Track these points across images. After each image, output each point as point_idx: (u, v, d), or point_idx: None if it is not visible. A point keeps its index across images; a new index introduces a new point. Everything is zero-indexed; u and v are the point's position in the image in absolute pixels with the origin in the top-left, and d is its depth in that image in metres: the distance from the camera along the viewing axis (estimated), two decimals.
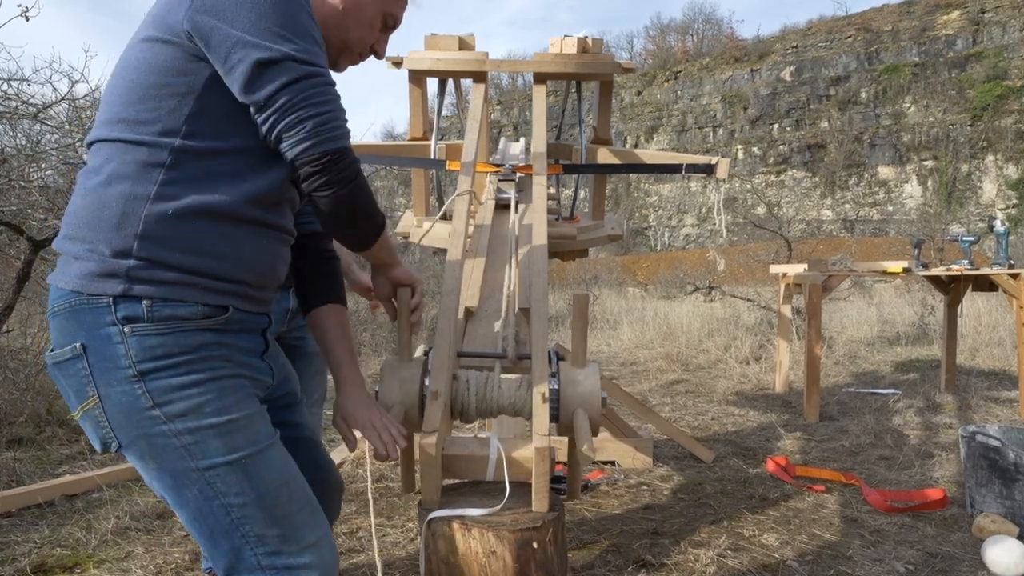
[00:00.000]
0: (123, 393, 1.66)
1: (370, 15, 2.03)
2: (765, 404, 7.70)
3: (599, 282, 25.70)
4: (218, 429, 1.69)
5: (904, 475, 5.06)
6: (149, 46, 1.71)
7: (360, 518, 4.28)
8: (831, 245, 34.04)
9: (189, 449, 1.68)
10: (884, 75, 66.52)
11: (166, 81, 1.68)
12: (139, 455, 1.71)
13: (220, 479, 1.70)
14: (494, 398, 2.30)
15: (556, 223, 4.75)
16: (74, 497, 4.63)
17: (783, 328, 8.54)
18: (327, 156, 1.71)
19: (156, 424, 1.67)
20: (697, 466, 5.33)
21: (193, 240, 1.68)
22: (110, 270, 1.65)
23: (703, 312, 15.74)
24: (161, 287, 1.67)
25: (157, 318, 1.66)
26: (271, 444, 1.79)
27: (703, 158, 4.58)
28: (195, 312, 1.70)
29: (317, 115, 1.69)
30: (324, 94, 1.70)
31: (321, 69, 1.71)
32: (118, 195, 1.66)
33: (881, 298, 20.08)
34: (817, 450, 5.79)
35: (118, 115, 1.71)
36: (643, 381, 9.42)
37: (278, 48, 1.65)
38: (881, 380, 9.09)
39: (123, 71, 1.74)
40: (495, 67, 4.50)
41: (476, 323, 2.81)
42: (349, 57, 2.08)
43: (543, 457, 2.07)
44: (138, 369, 1.65)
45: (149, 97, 1.68)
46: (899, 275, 7.46)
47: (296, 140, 1.69)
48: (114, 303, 1.65)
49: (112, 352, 1.66)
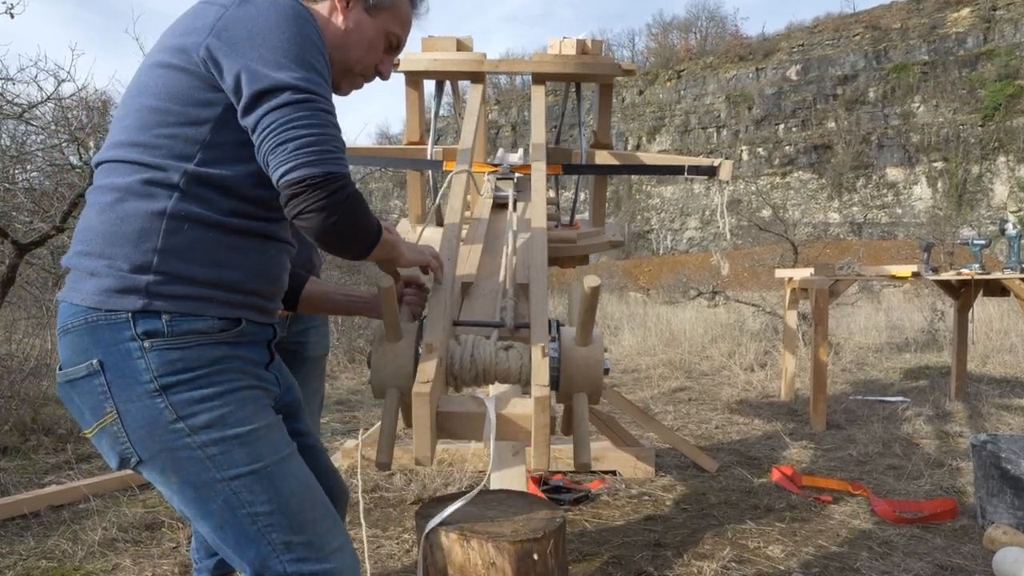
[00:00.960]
0: (145, 408, 1.72)
1: (372, 36, 2.07)
2: (770, 412, 7.71)
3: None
4: (242, 439, 1.77)
5: (913, 485, 5.07)
6: (166, 72, 1.78)
7: (353, 529, 4.28)
8: (838, 249, 34.00)
9: (214, 460, 1.75)
10: (893, 74, 66.55)
11: (183, 110, 1.76)
12: (160, 469, 1.77)
13: (246, 488, 1.76)
14: (490, 360, 2.27)
15: (556, 229, 4.76)
16: (60, 508, 4.63)
17: (789, 334, 8.55)
18: (306, 180, 1.69)
19: (180, 437, 1.73)
20: (700, 476, 5.34)
21: (210, 252, 1.77)
22: (129, 286, 1.72)
23: (706, 318, 15.75)
24: (179, 302, 1.74)
25: (177, 332, 1.73)
26: (292, 452, 1.87)
27: (705, 160, 4.61)
28: (211, 326, 1.78)
29: (301, 137, 1.69)
30: (313, 116, 1.71)
31: (317, 96, 1.73)
32: (136, 211, 1.74)
33: (890, 303, 20.10)
34: (824, 459, 5.80)
35: (132, 139, 1.78)
36: (645, 388, 9.43)
37: (277, 77, 1.70)
38: (890, 387, 9.11)
39: (139, 95, 1.81)
40: (493, 68, 4.52)
41: (473, 299, 2.80)
42: (352, 80, 2.12)
43: (543, 407, 2.03)
44: (160, 384, 1.72)
45: (165, 124, 1.76)
46: (908, 279, 7.47)
47: (277, 163, 1.70)
48: (133, 319, 1.72)
49: (132, 367, 1.72)
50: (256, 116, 1.70)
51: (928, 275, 7.44)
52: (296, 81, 1.70)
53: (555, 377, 2.20)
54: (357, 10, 2.03)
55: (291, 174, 1.69)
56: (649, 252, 69.17)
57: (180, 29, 1.81)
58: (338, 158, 1.74)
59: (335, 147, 1.74)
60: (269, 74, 1.69)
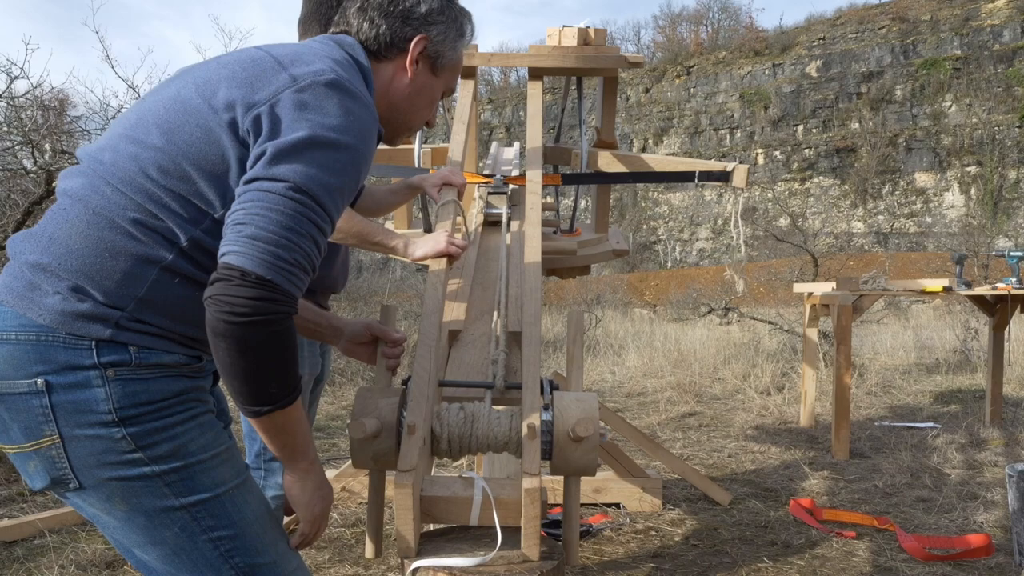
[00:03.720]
0: (97, 437, 1.75)
1: (436, 96, 2.20)
2: (788, 439, 7.73)
3: (602, 302, 25.69)
4: (204, 464, 1.83)
5: (944, 519, 5.09)
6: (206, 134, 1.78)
7: (334, 566, 4.30)
8: (862, 261, 34.07)
9: (174, 487, 1.80)
10: (922, 70, 66.82)
11: (208, 184, 1.78)
12: (106, 497, 1.79)
13: (207, 513, 1.83)
14: (479, 433, 2.29)
15: (554, 236, 4.77)
16: (13, 544, 4.63)
17: (809, 354, 8.58)
18: (238, 272, 1.64)
19: (136, 466, 1.77)
20: (712, 509, 5.35)
21: (188, 310, 1.80)
22: (99, 315, 1.75)
23: (719, 336, 15.78)
24: (147, 337, 1.78)
25: (144, 364, 1.77)
26: (248, 475, 1.96)
27: (717, 164, 4.62)
28: (176, 360, 1.83)
29: (264, 228, 1.67)
30: (295, 219, 1.70)
31: (315, 203, 1.73)
32: (129, 252, 1.76)
33: (919, 320, 20.15)
34: (847, 491, 5.82)
35: (145, 169, 1.78)
36: (651, 414, 9.43)
37: (284, 170, 1.71)
38: (919, 412, 9.13)
39: (171, 131, 1.80)
40: (485, 61, 4.54)
41: (461, 348, 2.82)
42: (408, 133, 2.24)
43: (533, 499, 2.06)
44: (119, 415, 1.75)
45: (185, 178, 1.78)
46: (939, 295, 7.49)
47: (227, 241, 1.68)
48: (97, 347, 1.74)
49: (88, 396, 1.74)
50: (243, 190, 1.71)
51: (961, 290, 7.47)
52: (303, 180, 1.71)
53: (547, 448, 2.24)
54: (424, 72, 2.13)
55: (228, 257, 1.66)
56: (656, 264, 69.24)
57: (249, 75, 1.82)
58: (291, 272, 1.69)
59: (296, 260, 1.70)
60: (283, 166, 1.71)
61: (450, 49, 2.15)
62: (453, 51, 2.16)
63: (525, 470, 2.12)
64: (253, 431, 3.43)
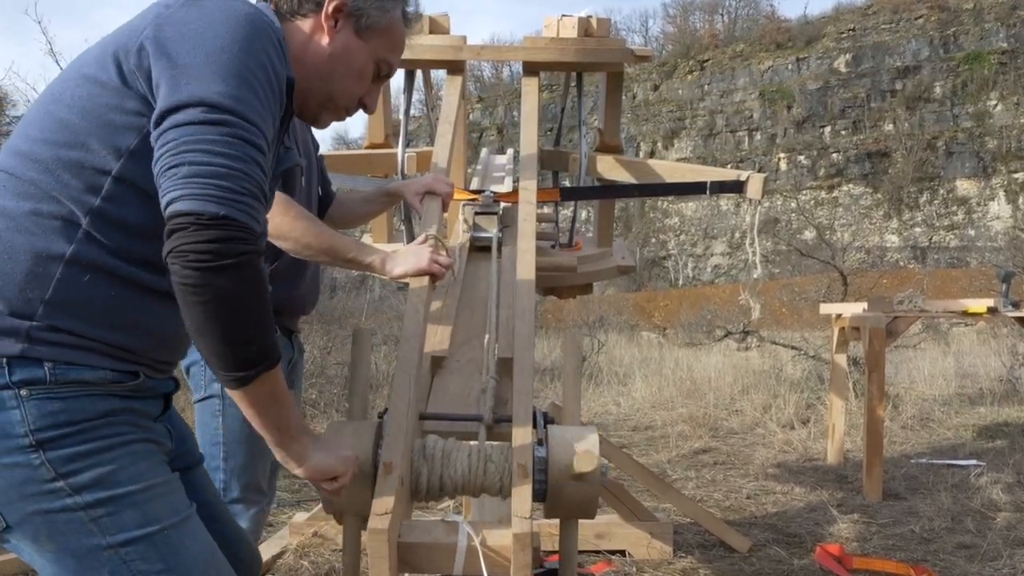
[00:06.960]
0: (16, 465, 1.72)
1: (361, 64, 2.12)
2: (814, 479, 7.73)
3: (605, 325, 25.69)
4: (134, 498, 1.78)
5: (989, 568, 5.09)
6: (88, 83, 1.80)
7: None
8: (897, 279, 34.15)
9: (100, 523, 1.75)
10: (964, 65, 67.09)
11: (97, 131, 1.77)
12: (32, 536, 1.77)
13: (138, 555, 1.78)
14: (465, 477, 2.26)
15: (552, 251, 4.76)
16: None
17: (837, 383, 8.58)
18: (190, 217, 1.61)
19: (59, 497, 1.73)
20: (729, 557, 5.35)
21: (110, 313, 1.78)
22: (6, 328, 1.73)
23: (736, 363, 15.77)
24: (65, 350, 1.75)
25: (61, 381, 1.74)
26: (191, 514, 1.90)
27: (731, 173, 4.58)
28: (102, 377, 1.79)
29: (200, 163, 1.63)
30: (225, 143, 1.67)
31: (240, 119, 1.70)
32: (27, 248, 1.74)
33: (960, 346, 20.16)
34: (880, 536, 5.82)
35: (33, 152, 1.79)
36: (661, 450, 9.43)
37: (193, 90, 1.68)
38: (960, 448, 9.13)
39: (52, 102, 1.83)
40: (475, 55, 4.55)
41: (446, 376, 2.81)
42: (334, 111, 2.17)
43: (523, 546, 2.05)
44: (36, 438, 1.72)
45: (72, 144, 1.76)
46: (983, 316, 7.51)
47: (164, 190, 1.66)
48: (8, 364, 1.72)
49: (2, 420, 1.71)
50: (158, 133, 1.68)
51: (1007, 311, 7.47)
52: (216, 97, 1.68)
53: (541, 489, 2.23)
54: (346, 32, 2.08)
55: (174, 205, 1.63)
56: (666, 283, 69.31)
57: (124, 28, 1.82)
58: (244, 203, 1.67)
59: (245, 188, 1.68)
60: (187, 86, 1.68)
61: (376, 8, 2.09)
62: (380, 11, 2.10)
63: (515, 513, 2.11)
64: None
